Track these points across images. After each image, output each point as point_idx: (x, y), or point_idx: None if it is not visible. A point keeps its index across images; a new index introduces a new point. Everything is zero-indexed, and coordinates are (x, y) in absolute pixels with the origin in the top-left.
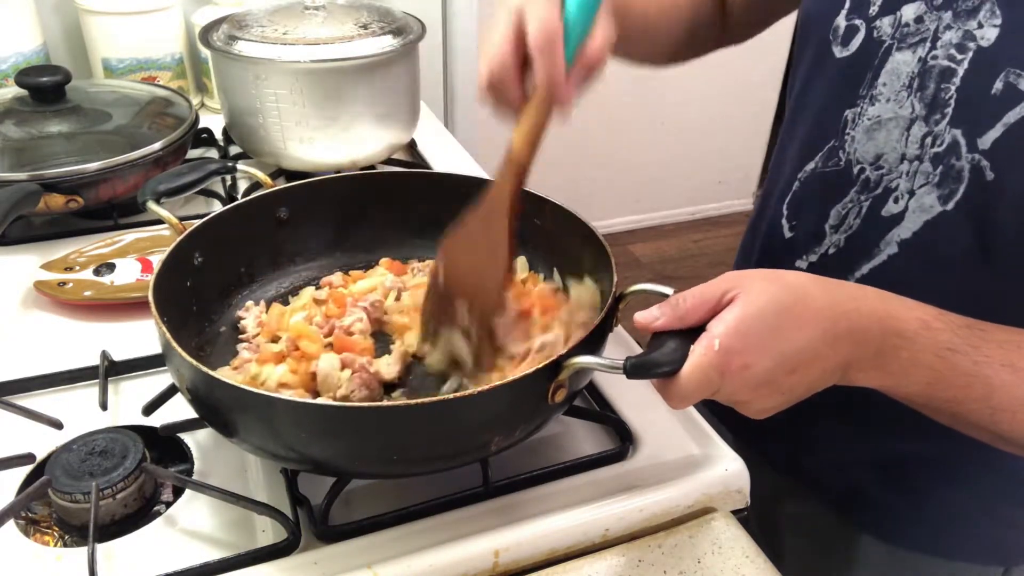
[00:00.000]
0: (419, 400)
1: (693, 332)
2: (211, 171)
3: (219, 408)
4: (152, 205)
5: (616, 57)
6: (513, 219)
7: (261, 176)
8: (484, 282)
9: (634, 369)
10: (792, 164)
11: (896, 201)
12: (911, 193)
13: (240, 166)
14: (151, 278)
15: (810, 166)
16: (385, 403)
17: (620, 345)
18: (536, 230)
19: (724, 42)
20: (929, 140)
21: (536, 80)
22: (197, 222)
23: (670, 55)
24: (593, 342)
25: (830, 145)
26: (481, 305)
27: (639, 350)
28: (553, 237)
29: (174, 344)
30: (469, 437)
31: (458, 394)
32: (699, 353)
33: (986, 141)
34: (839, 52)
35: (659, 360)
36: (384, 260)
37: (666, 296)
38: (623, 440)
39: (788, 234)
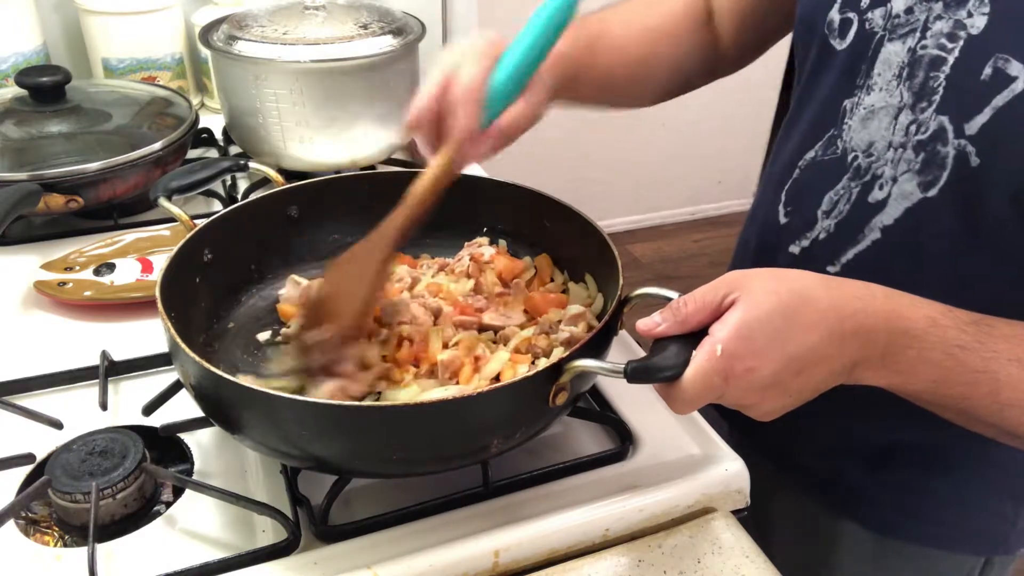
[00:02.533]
0: (418, 401)
1: (696, 336)
2: (223, 168)
3: (223, 405)
4: (164, 201)
5: (593, 108)
6: (390, 254)
7: (273, 174)
8: (344, 308)
9: (634, 373)
10: (792, 153)
11: (880, 188)
12: (894, 180)
13: (252, 164)
14: (159, 273)
15: (810, 154)
16: (384, 403)
17: (624, 349)
18: (545, 232)
19: (717, 76)
20: (913, 128)
21: (449, 131)
22: (207, 219)
23: (653, 99)
24: (597, 345)
25: (830, 134)
26: (336, 328)
27: (642, 353)
28: (561, 239)
29: (179, 341)
30: (469, 438)
31: (457, 395)
32: (702, 358)
33: (973, 126)
34: (838, 45)
35: (660, 365)
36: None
37: (670, 300)
38: (623, 440)
39: (783, 220)
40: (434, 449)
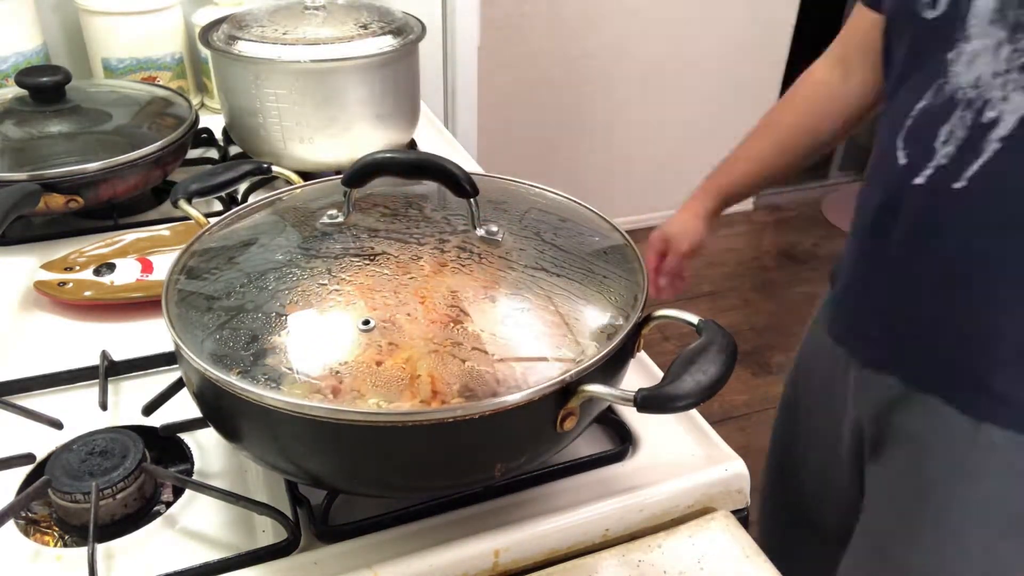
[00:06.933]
0: (414, 419)
1: (706, 364)
2: (245, 171)
3: (223, 413)
4: (183, 204)
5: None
6: None
7: (294, 178)
8: None
9: (645, 402)
10: (901, 110)
11: (992, 108)
12: (1004, 99)
13: (275, 168)
14: (166, 275)
15: (920, 104)
16: (380, 421)
17: (642, 372)
18: None
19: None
20: (1015, 55)
21: None
22: (218, 220)
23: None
24: (611, 368)
25: (937, 84)
26: None
27: (660, 376)
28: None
29: (181, 345)
30: (470, 462)
31: (457, 415)
32: None
33: None
34: (931, 14)
35: (672, 393)
36: None
37: (691, 324)
38: (623, 440)
39: (903, 161)
40: (434, 472)
